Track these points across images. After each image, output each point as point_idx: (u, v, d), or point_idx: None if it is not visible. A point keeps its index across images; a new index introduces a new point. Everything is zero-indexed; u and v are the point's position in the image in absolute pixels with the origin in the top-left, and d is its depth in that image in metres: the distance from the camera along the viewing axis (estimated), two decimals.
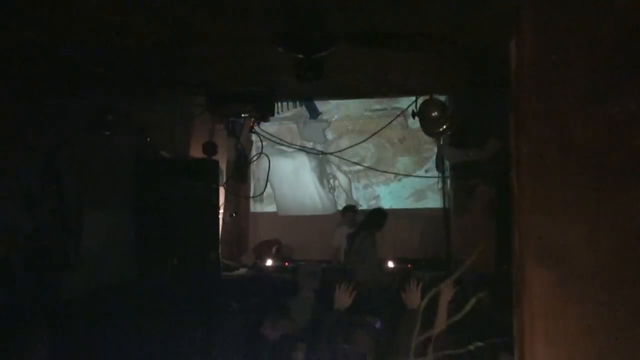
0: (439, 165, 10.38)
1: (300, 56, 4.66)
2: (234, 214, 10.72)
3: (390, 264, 9.49)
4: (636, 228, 2.23)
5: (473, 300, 2.34)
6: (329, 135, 11.56)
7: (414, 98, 7.56)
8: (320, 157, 11.21)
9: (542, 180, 2.22)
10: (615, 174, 2.24)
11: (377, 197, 11.59)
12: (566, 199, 2.21)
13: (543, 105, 2.22)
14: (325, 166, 11.60)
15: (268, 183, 9.34)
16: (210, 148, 9.13)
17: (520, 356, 2.25)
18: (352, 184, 11.71)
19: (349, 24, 4.71)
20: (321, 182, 11.49)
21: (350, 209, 9.93)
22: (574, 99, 2.19)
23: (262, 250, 10.59)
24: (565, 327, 2.18)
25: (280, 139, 9.40)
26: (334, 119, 11.57)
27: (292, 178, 11.19)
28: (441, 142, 9.80)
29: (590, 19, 2.18)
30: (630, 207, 2.22)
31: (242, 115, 7.23)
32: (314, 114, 10.40)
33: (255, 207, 11.82)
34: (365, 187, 11.71)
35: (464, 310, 2.38)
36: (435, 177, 10.60)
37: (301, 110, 10.56)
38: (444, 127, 6.76)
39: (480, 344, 2.48)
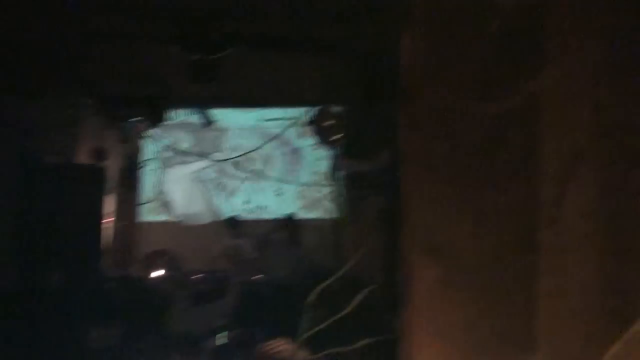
0: (333, 176, 10.46)
1: (196, 57, 4.59)
2: (123, 223, 10.37)
3: None
4: (515, 226, 2.31)
5: (362, 294, 2.35)
6: (223, 144, 11.43)
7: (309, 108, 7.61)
8: (212, 165, 11.07)
9: (430, 177, 2.27)
10: (498, 173, 2.31)
11: (266, 207, 11.57)
12: (453, 196, 2.26)
13: (432, 103, 2.27)
14: (216, 174, 11.46)
15: (160, 191, 9.13)
16: (99, 154, 8.82)
17: (407, 351, 2.28)
18: (243, 193, 11.64)
19: (245, 27, 4.69)
20: (211, 191, 11.34)
21: (233, 221, 9.96)
22: (462, 97, 2.25)
23: (152, 261, 10.29)
24: (450, 322, 2.22)
25: (173, 146, 9.21)
26: (228, 127, 11.45)
27: (183, 186, 10.98)
28: (335, 153, 9.90)
29: (476, 20, 2.25)
30: (510, 206, 2.31)
31: (133, 119, 7.03)
32: (209, 121, 10.25)
33: (146, 216, 11.50)
34: (256, 195, 11.66)
35: (352, 305, 2.39)
36: (328, 186, 10.67)
37: (195, 117, 10.39)
38: (338, 136, 6.86)
39: (368, 340, 2.49)
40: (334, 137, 6.71)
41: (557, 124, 2.24)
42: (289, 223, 9.50)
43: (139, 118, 6.92)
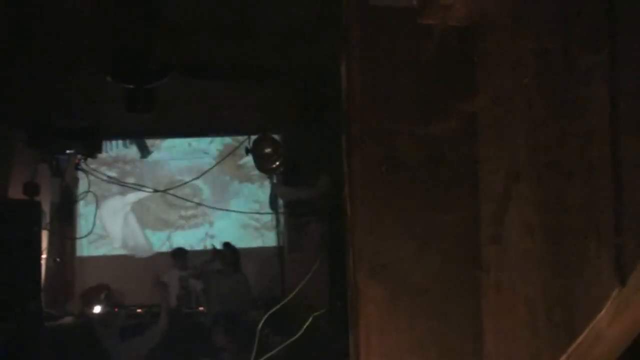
0: (273, 203, 10.44)
1: (131, 86, 4.52)
2: (58, 259, 10.06)
3: None
4: (460, 245, 2.36)
5: (310, 320, 2.35)
6: (161, 174, 11.28)
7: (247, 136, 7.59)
8: (150, 196, 10.88)
9: (375, 199, 2.30)
10: (440, 193, 2.36)
11: (209, 237, 11.43)
12: (398, 217, 2.29)
13: (372, 126, 2.30)
14: (154, 206, 11.29)
15: (98, 224, 8.91)
16: (31, 188, 8.55)
17: None
18: (181, 224, 11.49)
19: (181, 55, 4.67)
20: (147, 223, 11.15)
21: (180, 252, 9.80)
22: (401, 120, 2.30)
23: (90, 297, 10.01)
24: (399, 342, 2.23)
25: (110, 177, 9.02)
26: (166, 158, 11.31)
27: (121, 218, 10.75)
28: (274, 181, 9.89)
29: (413, 44, 2.31)
30: (454, 224, 2.35)
31: (67, 151, 6.86)
32: (145, 152, 10.10)
33: (83, 251, 11.20)
34: (196, 226, 11.53)
35: (302, 330, 2.38)
36: (269, 213, 10.64)
37: (132, 148, 10.22)
38: (276, 164, 6.87)
39: None
40: (273, 165, 6.71)
41: (494, 143, 2.30)
42: (228, 252, 9.38)
43: (74, 150, 6.75)
